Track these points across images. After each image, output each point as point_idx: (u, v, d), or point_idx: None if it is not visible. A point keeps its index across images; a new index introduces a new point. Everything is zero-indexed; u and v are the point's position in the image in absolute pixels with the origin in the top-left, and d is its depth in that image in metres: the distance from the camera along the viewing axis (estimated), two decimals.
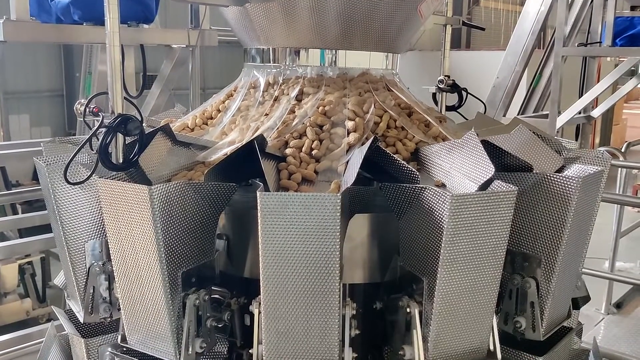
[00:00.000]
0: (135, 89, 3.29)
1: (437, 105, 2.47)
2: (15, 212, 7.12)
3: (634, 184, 8.44)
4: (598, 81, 5.55)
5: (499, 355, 1.50)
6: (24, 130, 9.57)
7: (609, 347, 3.91)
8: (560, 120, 4.61)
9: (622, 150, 4.58)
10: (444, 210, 1.33)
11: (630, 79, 5.73)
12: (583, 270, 2.05)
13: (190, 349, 1.48)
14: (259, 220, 1.32)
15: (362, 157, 1.48)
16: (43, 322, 6.20)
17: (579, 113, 5.15)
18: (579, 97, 5.08)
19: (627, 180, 4.96)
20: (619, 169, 4.69)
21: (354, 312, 1.46)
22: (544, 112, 5.41)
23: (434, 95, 2.49)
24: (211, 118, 1.96)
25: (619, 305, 4.70)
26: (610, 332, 4.33)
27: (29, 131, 9.64)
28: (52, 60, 10.23)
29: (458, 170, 1.59)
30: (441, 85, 2.39)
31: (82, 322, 1.73)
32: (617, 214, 4.60)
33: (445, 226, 1.34)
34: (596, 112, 5.30)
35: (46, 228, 3.24)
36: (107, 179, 1.51)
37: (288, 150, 1.70)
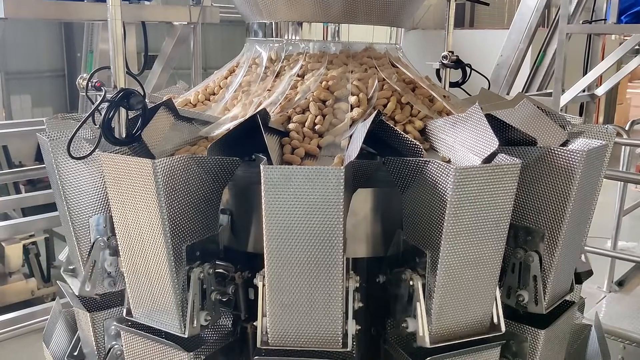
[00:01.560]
0: (137, 68, 3.28)
1: (440, 82, 2.45)
2: (18, 193, 7.14)
3: (637, 163, 8.43)
4: (602, 59, 5.52)
5: (502, 328, 1.51)
6: (26, 110, 9.57)
7: (611, 324, 3.92)
8: (564, 99, 4.59)
9: (626, 128, 4.55)
10: (448, 183, 1.33)
11: (635, 56, 5.69)
12: (585, 248, 2.05)
13: (195, 322, 1.49)
14: (263, 194, 1.32)
15: (366, 131, 1.48)
16: (48, 301, 6.26)
17: (583, 91, 5.13)
18: (583, 76, 5.05)
19: (630, 160, 4.94)
20: (622, 148, 4.67)
21: (357, 285, 1.47)
22: (548, 91, 5.39)
23: (437, 71, 2.47)
24: (213, 94, 1.96)
25: (620, 283, 4.71)
26: (612, 310, 4.35)
27: (30, 111, 9.64)
28: (53, 40, 10.19)
29: (462, 144, 1.58)
30: (445, 61, 2.37)
31: (85, 296, 1.74)
32: (620, 192, 4.60)
33: (448, 199, 1.34)
34: (600, 91, 5.29)
35: (50, 208, 3.25)
36: (110, 153, 1.51)
37: (291, 125, 1.69)
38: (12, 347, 5.14)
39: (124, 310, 1.60)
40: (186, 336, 1.48)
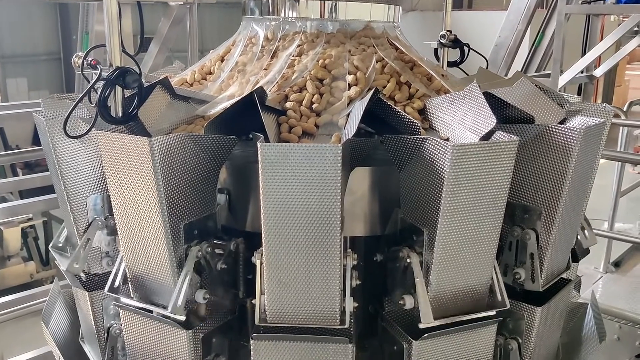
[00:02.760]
0: (132, 50, 3.25)
1: (439, 62, 2.44)
2: (15, 176, 7.13)
3: (635, 145, 8.43)
4: (601, 40, 5.49)
5: (507, 303, 1.51)
6: (22, 93, 9.54)
7: (608, 303, 3.95)
8: (563, 80, 4.58)
9: (624, 109, 4.55)
10: (445, 160, 1.33)
11: (634, 37, 5.66)
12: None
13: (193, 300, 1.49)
14: (260, 171, 1.32)
15: (363, 109, 1.47)
16: (47, 284, 6.28)
17: (582, 72, 5.12)
18: (582, 57, 5.03)
19: (628, 142, 4.94)
20: (620, 130, 4.67)
21: (355, 262, 1.47)
22: (546, 72, 5.37)
23: (435, 51, 2.46)
24: (210, 73, 1.95)
25: (617, 264, 4.75)
26: (609, 290, 4.38)
27: (27, 94, 9.60)
28: (48, 23, 10.11)
29: (459, 122, 1.58)
30: (443, 40, 2.36)
31: (85, 276, 1.74)
32: (618, 173, 4.61)
33: (446, 176, 1.33)
34: (599, 72, 5.27)
35: (47, 190, 3.25)
36: (107, 131, 1.51)
37: (288, 104, 1.68)
38: (12, 329, 5.17)
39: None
40: (184, 315, 1.48)
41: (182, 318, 1.45)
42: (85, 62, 1.58)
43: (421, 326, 1.43)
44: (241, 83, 1.79)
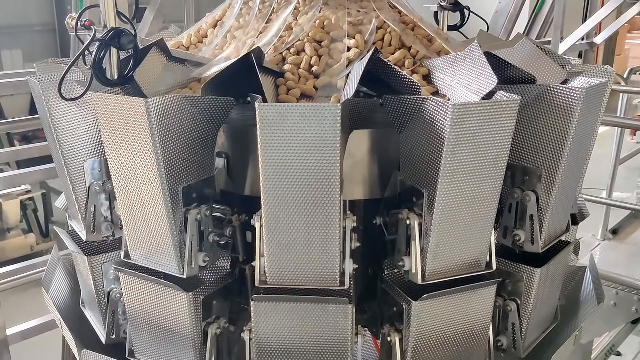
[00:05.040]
0: (128, 14, 3.20)
1: (438, 25, 2.40)
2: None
3: (634, 114, 8.40)
4: (602, 7, 5.42)
5: (493, 266, 1.52)
6: (17, 65, 9.45)
7: (605, 269, 3.98)
8: (563, 46, 4.54)
9: (625, 76, 4.51)
10: (446, 120, 1.32)
11: (634, 4, 5.60)
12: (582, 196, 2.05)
13: (193, 263, 1.49)
14: (258, 132, 1.31)
15: (363, 69, 1.45)
16: (47, 255, 6.31)
17: (582, 39, 5.06)
18: (582, 23, 4.97)
19: (627, 110, 4.92)
20: (620, 98, 4.64)
21: (354, 224, 1.47)
22: (547, 39, 5.31)
23: (435, 14, 2.42)
24: (206, 36, 1.91)
25: (615, 232, 4.76)
26: (606, 257, 4.41)
27: (22, 66, 9.52)
28: None
29: (460, 83, 1.56)
30: (443, 3, 2.32)
31: (84, 241, 1.74)
32: (617, 140, 4.60)
33: (446, 136, 1.32)
34: (599, 39, 5.22)
35: (45, 161, 3.22)
36: (102, 93, 1.48)
37: (286, 67, 1.66)
38: (14, 300, 5.21)
39: (122, 253, 1.61)
40: (185, 277, 1.49)
41: (183, 276, 1.46)
42: (79, 24, 1.55)
43: (411, 279, 1.43)
44: (237, 46, 1.76)
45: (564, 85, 1.51)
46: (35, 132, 7.44)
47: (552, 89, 1.51)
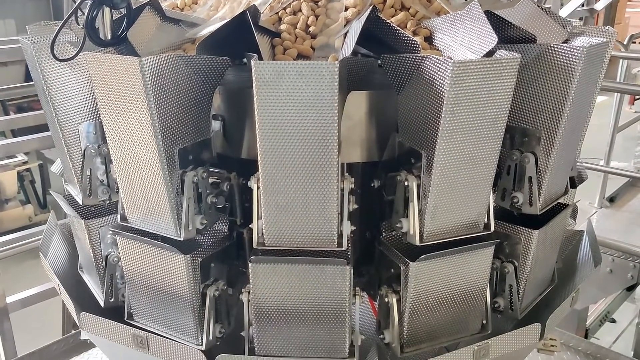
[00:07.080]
0: None
1: None
2: None
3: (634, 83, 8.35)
4: None
5: (491, 227, 1.52)
6: (10, 35, 9.32)
7: (602, 236, 4.01)
8: (562, 13, 4.47)
9: (625, 42, 4.47)
10: (445, 78, 1.30)
11: None
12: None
13: (190, 226, 1.49)
14: (254, 91, 1.28)
15: (360, 28, 1.42)
16: None
17: (582, 6, 5.00)
18: None
19: (626, 78, 4.90)
20: (620, 65, 4.61)
21: (352, 186, 1.46)
22: (547, 6, 5.25)
23: None
24: None
25: (612, 199, 4.78)
26: (603, 225, 4.43)
27: (15, 36, 9.39)
28: None
29: (460, 42, 1.53)
30: None
31: (81, 205, 1.73)
32: (615, 108, 4.58)
33: (445, 95, 1.30)
34: (599, 5, 5.15)
35: (41, 129, 3.20)
36: (96, 53, 1.46)
37: (282, 27, 1.63)
38: (13, 271, 5.23)
39: (118, 217, 1.60)
40: (182, 239, 1.48)
41: (181, 239, 1.45)
42: None
43: (409, 240, 1.43)
44: (232, 6, 1.73)
45: (565, 45, 1.49)
46: (31, 103, 7.38)
47: (553, 48, 1.48)
